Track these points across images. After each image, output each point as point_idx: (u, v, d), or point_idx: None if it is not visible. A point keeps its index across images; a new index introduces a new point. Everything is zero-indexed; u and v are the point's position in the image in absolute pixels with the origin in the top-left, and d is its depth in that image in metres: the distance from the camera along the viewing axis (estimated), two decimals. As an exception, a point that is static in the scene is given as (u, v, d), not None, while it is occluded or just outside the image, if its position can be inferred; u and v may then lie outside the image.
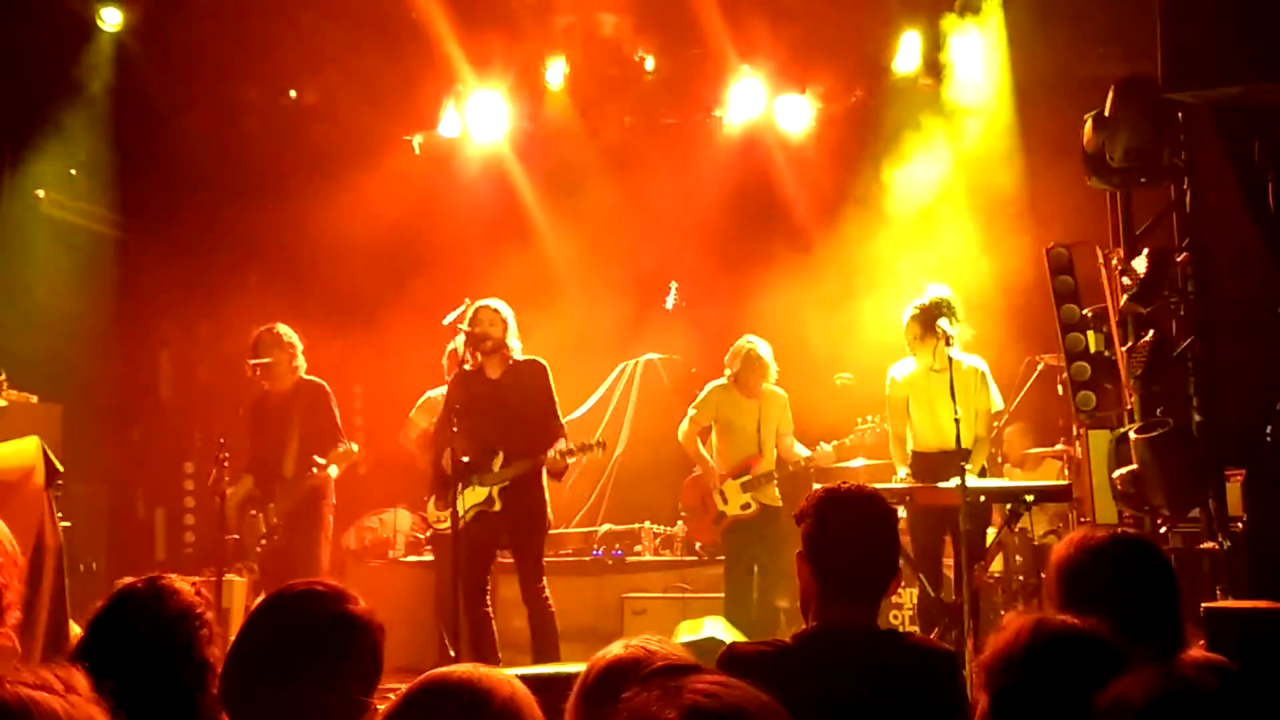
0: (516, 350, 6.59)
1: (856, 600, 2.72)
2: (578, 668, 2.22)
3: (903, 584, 7.02)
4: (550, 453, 6.37)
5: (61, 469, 5.30)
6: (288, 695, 1.99)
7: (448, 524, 6.53)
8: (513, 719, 1.58)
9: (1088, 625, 1.97)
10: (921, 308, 6.67)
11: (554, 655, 6.23)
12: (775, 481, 7.30)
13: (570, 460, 6.49)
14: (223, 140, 9.57)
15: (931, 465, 6.61)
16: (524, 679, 1.68)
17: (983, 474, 6.68)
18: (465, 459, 6.19)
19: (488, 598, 6.51)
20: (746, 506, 7.21)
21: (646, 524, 8.84)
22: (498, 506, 6.45)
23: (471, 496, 6.43)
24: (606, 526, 9.00)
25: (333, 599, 2.10)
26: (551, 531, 6.99)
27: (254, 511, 6.92)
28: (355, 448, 7.03)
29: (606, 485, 9.44)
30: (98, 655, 2.36)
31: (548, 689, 1.74)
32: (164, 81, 9.09)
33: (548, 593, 6.43)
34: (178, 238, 9.61)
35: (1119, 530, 2.70)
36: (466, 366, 6.57)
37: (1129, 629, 2.05)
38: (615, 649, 2.21)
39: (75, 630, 4.89)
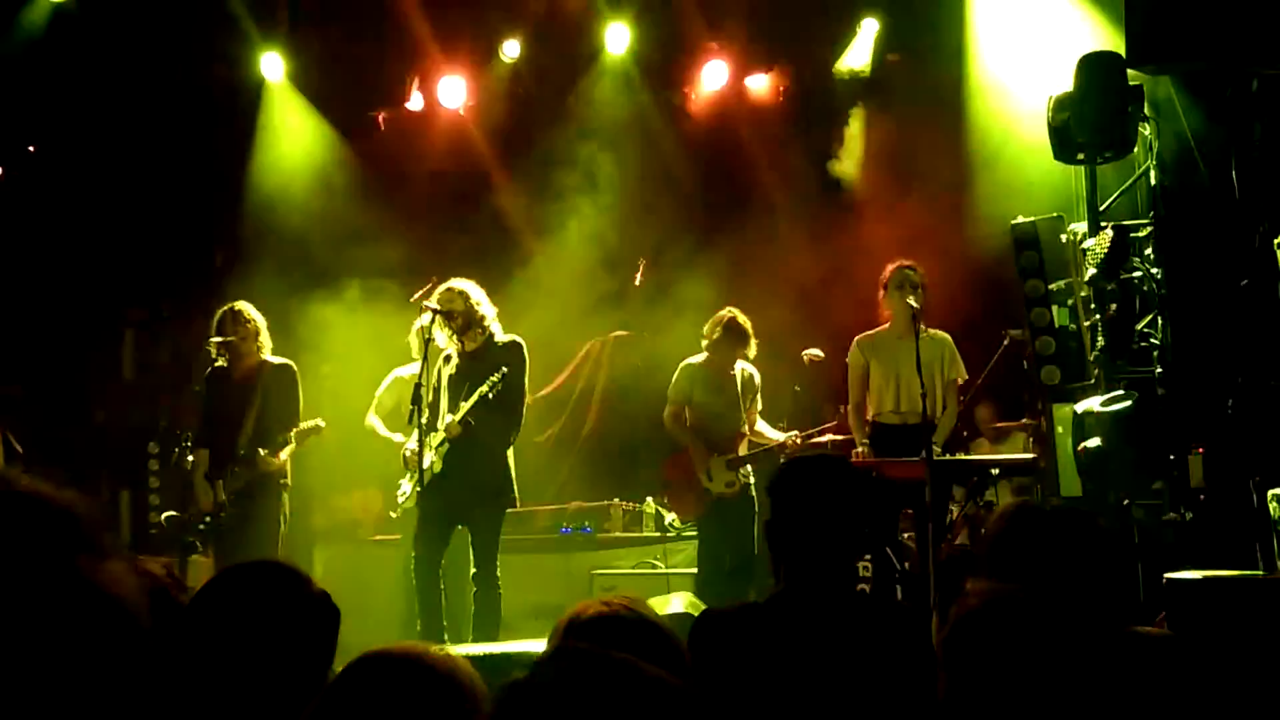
0: (497, 329, 6.53)
1: (824, 565, 2.77)
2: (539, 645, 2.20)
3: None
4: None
5: (21, 450, 5.26)
6: (237, 674, 1.97)
7: (408, 501, 6.49)
8: (451, 697, 1.56)
9: (1030, 597, 1.95)
10: (893, 269, 6.88)
11: (493, 636, 6.12)
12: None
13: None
14: (185, 116, 9.44)
15: (891, 438, 6.63)
16: (474, 659, 1.65)
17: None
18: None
19: (440, 572, 6.35)
20: (731, 484, 7.15)
21: (616, 500, 8.82)
22: (438, 468, 6.37)
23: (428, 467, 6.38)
24: (576, 503, 8.98)
25: (285, 579, 2.07)
26: (520, 509, 6.93)
27: (205, 488, 6.80)
28: (321, 424, 6.92)
29: (575, 462, 9.41)
30: None
31: (501, 671, 1.71)
32: (121, 56, 8.95)
33: (498, 573, 6.34)
34: (140, 216, 9.48)
35: (1056, 503, 2.68)
36: (430, 344, 6.53)
37: (1073, 599, 2.04)
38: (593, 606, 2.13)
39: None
